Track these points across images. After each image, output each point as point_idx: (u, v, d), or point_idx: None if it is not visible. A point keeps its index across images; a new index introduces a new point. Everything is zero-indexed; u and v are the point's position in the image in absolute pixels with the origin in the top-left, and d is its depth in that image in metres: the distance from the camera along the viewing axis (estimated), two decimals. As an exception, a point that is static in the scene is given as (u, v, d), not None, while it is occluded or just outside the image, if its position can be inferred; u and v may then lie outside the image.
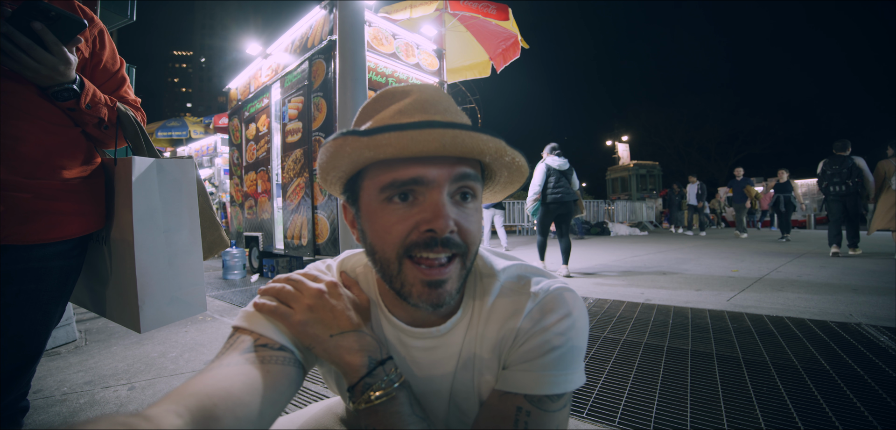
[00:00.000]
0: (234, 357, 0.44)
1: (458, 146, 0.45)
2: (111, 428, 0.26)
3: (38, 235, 0.78)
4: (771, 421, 1.31)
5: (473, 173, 0.49)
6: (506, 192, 0.61)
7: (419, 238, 0.46)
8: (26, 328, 0.79)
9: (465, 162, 0.48)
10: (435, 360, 0.56)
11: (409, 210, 0.47)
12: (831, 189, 5.36)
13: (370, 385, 0.48)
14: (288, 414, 0.70)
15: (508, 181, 0.57)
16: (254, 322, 0.50)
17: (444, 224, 0.45)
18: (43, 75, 0.74)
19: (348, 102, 2.35)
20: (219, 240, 1.07)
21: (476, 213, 0.51)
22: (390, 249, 0.47)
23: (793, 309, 2.67)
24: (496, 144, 0.47)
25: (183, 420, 0.32)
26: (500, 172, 0.54)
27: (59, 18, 0.71)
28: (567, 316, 0.52)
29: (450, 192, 0.48)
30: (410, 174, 0.46)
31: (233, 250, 4.61)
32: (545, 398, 0.50)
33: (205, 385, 0.37)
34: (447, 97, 0.53)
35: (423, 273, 0.47)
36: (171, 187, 0.92)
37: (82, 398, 1.60)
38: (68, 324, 2.28)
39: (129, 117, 0.92)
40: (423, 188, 0.47)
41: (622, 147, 22.16)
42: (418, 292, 0.47)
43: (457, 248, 0.47)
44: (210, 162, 8.92)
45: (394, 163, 0.46)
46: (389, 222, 0.47)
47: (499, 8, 4.53)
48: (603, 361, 1.86)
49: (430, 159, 0.46)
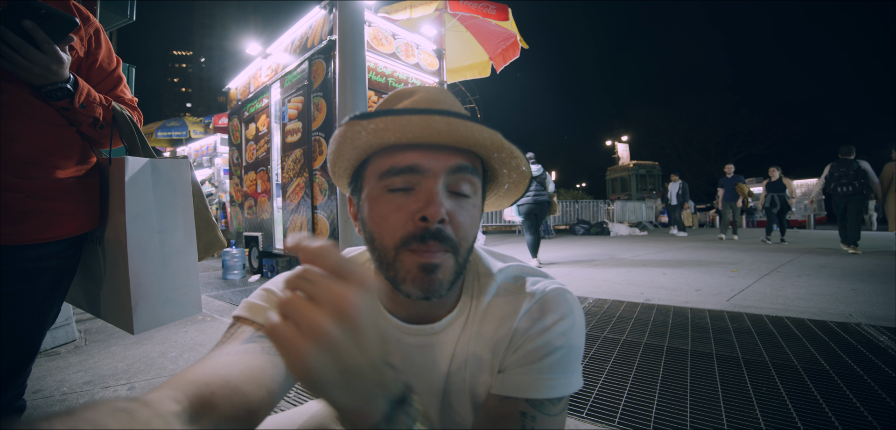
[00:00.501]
0: (235, 346, 0.44)
1: (453, 134, 0.46)
2: (111, 413, 0.26)
3: (30, 235, 0.78)
4: (770, 421, 1.30)
5: (470, 166, 0.50)
6: (511, 197, 0.61)
7: (414, 229, 0.47)
8: (21, 328, 0.79)
9: (461, 154, 0.49)
10: (429, 358, 0.56)
11: (406, 199, 0.48)
12: (839, 190, 5.70)
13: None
14: (285, 412, 0.70)
15: (512, 185, 0.57)
16: (255, 313, 0.50)
17: (436, 211, 0.45)
18: (35, 74, 0.74)
19: (348, 102, 2.35)
20: (215, 240, 1.06)
21: (473, 209, 0.51)
22: (388, 237, 0.48)
23: (792, 309, 2.66)
24: (491, 136, 0.48)
25: (181, 406, 0.32)
26: (501, 170, 0.55)
27: (49, 17, 0.70)
28: (565, 317, 0.52)
29: (446, 183, 0.48)
30: (407, 161, 0.47)
31: (232, 250, 4.61)
32: (547, 401, 0.50)
33: (204, 373, 0.37)
34: (453, 97, 0.55)
35: (419, 256, 0.47)
36: (166, 188, 0.92)
37: (82, 398, 1.60)
38: (68, 324, 2.27)
39: (124, 117, 0.91)
40: (419, 177, 0.48)
41: (622, 147, 22.17)
42: (412, 277, 0.47)
43: (447, 242, 0.47)
44: (210, 162, 8.91)
45: (393, 150, 0.48)
46: (387, 210, 0.48)
47: (498, 8, 4.53)
48: (603, 361, 1.86)
49: (427, 148, 0.48)
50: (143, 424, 0.27)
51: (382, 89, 3.91)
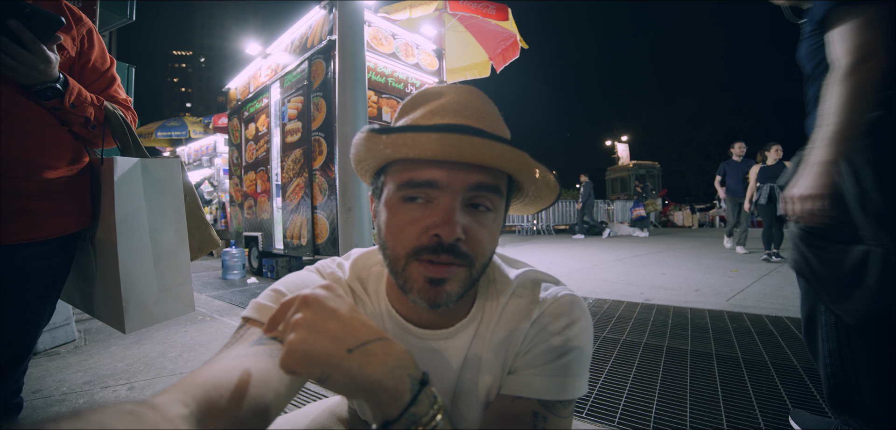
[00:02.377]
0: (243, 348, 0.44)
1: (476, 154, 0.44)
2: (118, 416, 0.26)
3: (18, 234, 0.77)
4: (770, 421, 1.30)
5: (492, 185, 0.48)
6: (535, 206, 0.60)
7: (428, 242, 0.46)
8: (14, 326, 0.79)
9: (483, 171, 0.47)
10: (441, 361, 0.56)
11: (423, 212, 0.47)
12: None
13: (417, 419, 0.37)
14: (286, 414, 0.70)
15: (536, 195, 0.56)
16: (264, 314, 0.49)
17: (451, 231, 0.45)
18: (22, 74, 0.73)
19: (348, 101, 2.35)
20: (208, 239, 1.06)
21: (492, 224, 0.49)
22: (400, 247, 0.48)
23: (792, 309, 2.66)
24: (519, 157, 0.45)
25: (188, 409, 0.32)
26: (528, 185, 0.53)
27: (34, 16, 0.70)
28: (577, 321, 0.53)
29: (465, 199, 0.47)
30: (426, 176, 0.46)
31: (232, 250, 4.61)
32: (558, 403, 0.51)
33: (212, 376, 0.37)
34: (485, 101, 0.52)
35: (426, 269, 0.46)
36: (156, 188, 0.91)
37: (81, 398, 1.60)
38: (67, 324, 2.27)
39: (117, 117, 0.91)
40: (437, 191, 0.46)
41: (622, 147, 22.13)
42: (419, 288, 0.47)
43: (462, 258, 0.46)
44: (210, 162, 8.91)
45: (413, 162, 0.47)
46: (402, 222, 0.48)
47: (498, 8, 4.53)
48: (602, 361, 1.86)
49: (447, 164, 0.46)
50: (150, 425, 0.27)
51: (382, 89, 3.91)
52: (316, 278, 0.57)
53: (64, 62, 0.84)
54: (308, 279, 0.56)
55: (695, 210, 16.85)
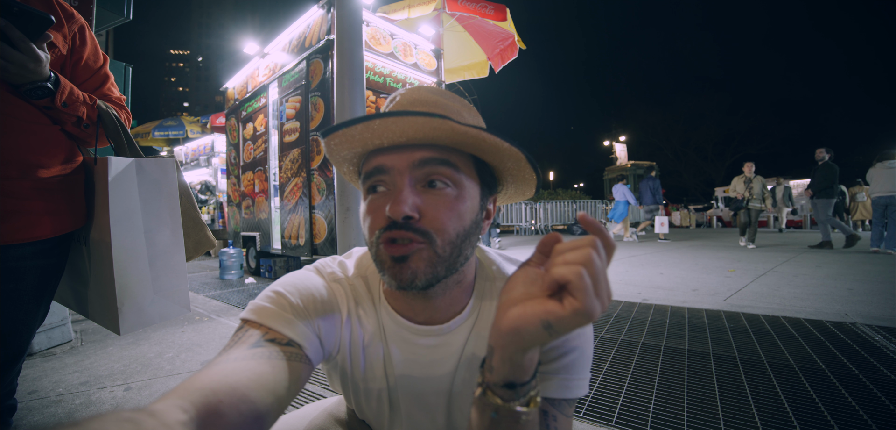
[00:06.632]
0: (242, 351, 0.43)
1: (407, 131, 0.46)
2: (117, 424, 0.26)
3: (10, 235, 0.76)
4: (767, 421, 1.30)
5: (440, 158, 0.48)
6: (523, 193, 0.59)
7: (384, 222, 0.48)
8: (7, 327, 0.78)
9: (427, 148, 0.48)
10: (437, 358, 0.56)
11: (382, 199, 0.49)
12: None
13: (535, 385, 0.42)
14: (287, 415, 0.70)
15: (517, 178, 0.55)
16: (263, 315, 0.49)
17: (397, 209, 0.46)
18: (12, 73, 0.73)
19: (346, 101, 2.35)
20: (204, 239, 1.05)
21: (454, 201, 0.49)
22: (369, 233, 0.50)
23: (789, 309, 2.67)
24: (441, 125, 0.45)
25: (187, 415, 0.32)
26: (501, 167, 0.53)
27: (22, 14, 0.69)
28: None
29: (417, 178, 0.48)
30: (374, 163, 0.50)
31: (230, 250, 4.60)
32: (564, 402, 0.51)
33: (211, 380, 0.37)
34: (441, 94, 0.53)
35: (389, 248, 0.48)
36: (151, 187, 0.90)
37: (78, 398, 1.59)
38: (64, 324, 2.26)
39: (110, 116, 0.90)
40: (387, 176, 0.49)
41: (620, 147, 22.19)
42: (388, 268, 0.48)
43: (421, 234, 0.47)
44: (207, 162, 8.88)
45: (367, 156, 0.51)
46: (368, 210, 0.51)
47: (496, 8, 4.52)
48: (600, 360, 1.86)
49: (391, 148, 0.49)
50: None
51: (380, 89, 3.90)
52: (315, 278, 0.57)
53: (55, 60, 0.83)
54: (307, 279, 0.56)
55: (690, 210, 16.90)
